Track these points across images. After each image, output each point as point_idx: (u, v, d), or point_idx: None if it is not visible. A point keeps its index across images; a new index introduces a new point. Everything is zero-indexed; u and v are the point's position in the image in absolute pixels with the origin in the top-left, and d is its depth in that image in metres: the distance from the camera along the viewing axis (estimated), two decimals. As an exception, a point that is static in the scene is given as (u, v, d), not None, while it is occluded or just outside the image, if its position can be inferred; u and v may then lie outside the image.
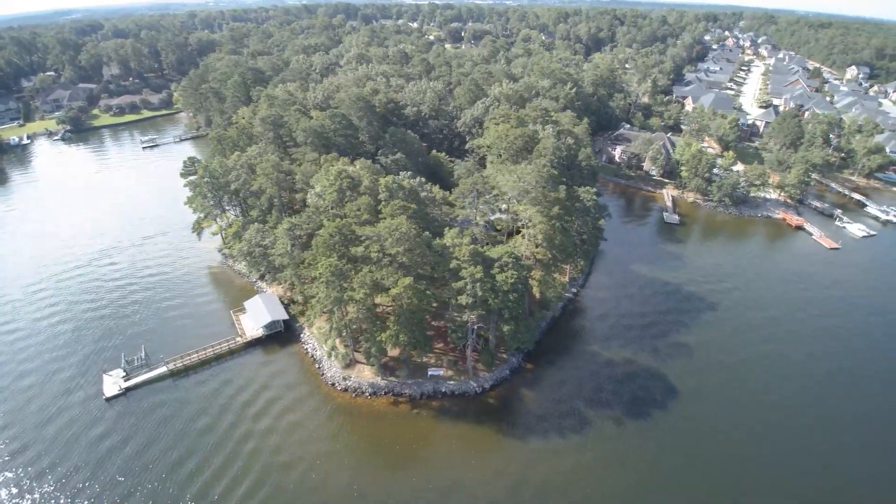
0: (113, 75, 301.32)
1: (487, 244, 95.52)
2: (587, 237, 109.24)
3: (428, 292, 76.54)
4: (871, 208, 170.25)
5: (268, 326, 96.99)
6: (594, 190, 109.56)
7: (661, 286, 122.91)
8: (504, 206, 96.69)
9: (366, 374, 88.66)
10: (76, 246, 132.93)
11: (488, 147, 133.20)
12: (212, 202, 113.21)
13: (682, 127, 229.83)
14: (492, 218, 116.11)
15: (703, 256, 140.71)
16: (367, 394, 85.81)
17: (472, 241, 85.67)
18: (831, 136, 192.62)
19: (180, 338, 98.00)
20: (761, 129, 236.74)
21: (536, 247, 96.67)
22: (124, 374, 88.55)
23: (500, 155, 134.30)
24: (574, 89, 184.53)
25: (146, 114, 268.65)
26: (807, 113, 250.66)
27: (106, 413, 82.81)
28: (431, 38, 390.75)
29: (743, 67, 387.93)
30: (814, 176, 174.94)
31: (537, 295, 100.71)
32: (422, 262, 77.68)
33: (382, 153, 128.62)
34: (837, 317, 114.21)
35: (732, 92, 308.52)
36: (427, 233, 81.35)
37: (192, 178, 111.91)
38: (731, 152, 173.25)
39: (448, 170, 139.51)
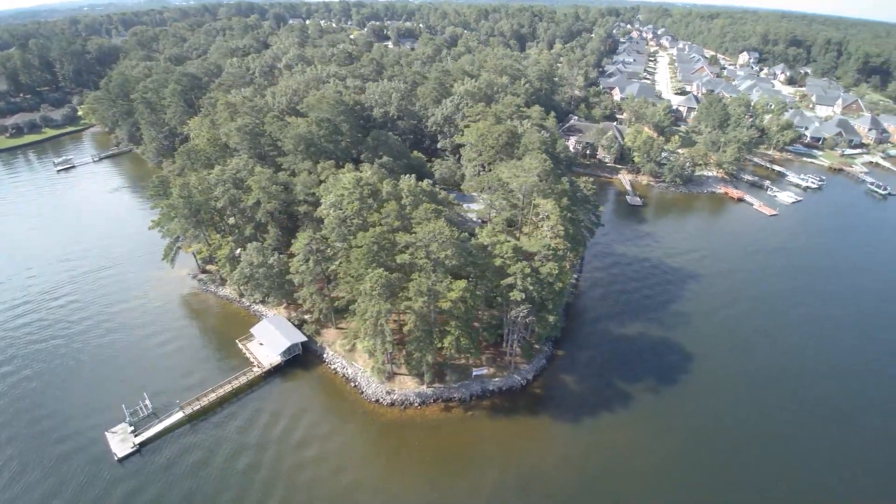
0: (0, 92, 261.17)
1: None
2: (588, 225, 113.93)
3: (478, 293, 75.91)
4: (792, 177, 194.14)
5: (287, 351, 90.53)
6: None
7: (643, 262, 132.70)
8: (515, 202, 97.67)
9: (409, 385, 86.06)
10: (14, 288, 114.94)
11: (472, 144, 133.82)
12: (191, 224, 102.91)
13: (617, 116, 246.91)
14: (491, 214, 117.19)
15: (669, 231, 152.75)
16: (416, 404, 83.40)
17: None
18: (747, 116, 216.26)
19: (182, 377, 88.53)
20: (684, 114, 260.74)
21: (553, 238, 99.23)
22: (132, 428, 78.11)
23: (482, 153, 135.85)
24: (527, 84, 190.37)
25: (49, 132, 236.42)
26: (718, 95, 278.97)
27: (123, 475, 72.78)
28: (353, 36, 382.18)
29: (650, 58, 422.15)
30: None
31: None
32: (466, 264, 76.80)
33: (366, 157, 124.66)
34: (793, 270, 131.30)
35: (648, 81, 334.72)
36: (464, 233, 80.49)
37: (165, 200, 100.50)
38: (676, 136, 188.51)
39: (429, 170, 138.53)
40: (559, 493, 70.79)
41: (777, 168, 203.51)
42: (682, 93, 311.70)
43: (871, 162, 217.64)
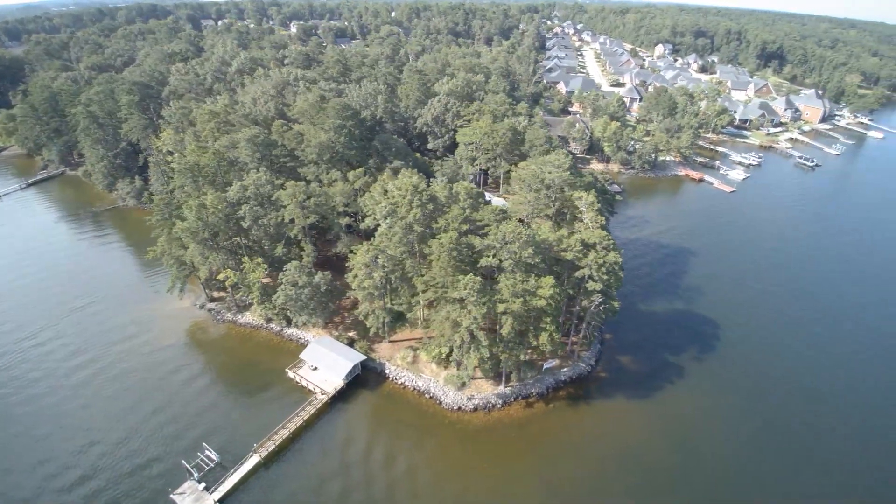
0: None
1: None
2: (605, 214, 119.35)
3: (563, 288, 77.52)
4: (734, 157, 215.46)
5: (350, 373, 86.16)
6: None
7: (643, 242, 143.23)
8: (556, 196, 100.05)
9: (486, 388, 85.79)
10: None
11: (476, 143, 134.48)
12: (209, 248, 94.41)
13: (569, 109, 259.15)
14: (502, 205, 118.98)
15: (650, 213, 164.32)
16: (499, 405, 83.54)
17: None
18: (689, 104, 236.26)
19: (235, 417, 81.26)
20: (627, 105, 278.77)
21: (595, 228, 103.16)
22: (202, 484, 70.40)
23: (487, 151, 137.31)
24: (505, 83, 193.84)
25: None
26: (650, 87, 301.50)
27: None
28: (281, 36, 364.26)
29: (578, 53, 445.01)
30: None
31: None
32: (544, 261, 78.00)
33: (374, 162, 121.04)
34: (768, 238, 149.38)
35: (584, 74, 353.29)
36: (530, 230, 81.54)
37: (167, 222, 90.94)
38: (641, 126, 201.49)
39: (431, 170, 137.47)
40: (657, 464, 74.97)
41: (720, 149, 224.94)
42: (618, 84, 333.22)
43: (791, 138, 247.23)
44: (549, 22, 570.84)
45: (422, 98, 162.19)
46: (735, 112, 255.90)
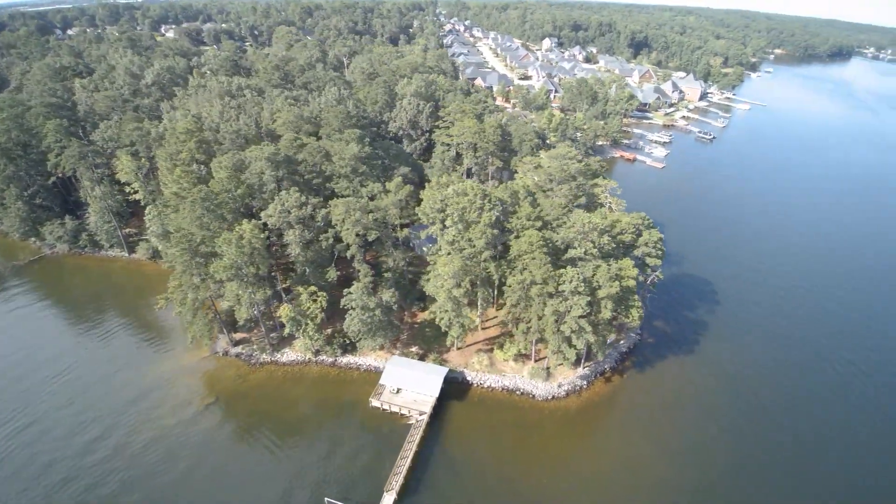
0: None
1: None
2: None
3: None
4: (650, 136, 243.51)
5: (440, 390, 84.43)
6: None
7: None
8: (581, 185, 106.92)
9: (566, 373, 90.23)
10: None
11: (468, 143, 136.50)
12: (251, 282, 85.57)
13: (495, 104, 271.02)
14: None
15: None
16: (585, 386, 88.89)
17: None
18: (606, 91, 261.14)
19: (341, 464, 74.98)
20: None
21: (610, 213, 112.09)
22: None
23: (477, 148, 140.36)
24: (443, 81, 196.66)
25: None
26: (555, 79, 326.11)
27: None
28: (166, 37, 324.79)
29: (476, 50, 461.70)
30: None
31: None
32: (615, 245, 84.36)
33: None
34: (711, 203, 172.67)
35: (489, 69, 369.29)
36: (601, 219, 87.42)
37: (222, 261, 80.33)
38: (580, 114, 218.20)
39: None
40: (721, 408, 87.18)
41: (636, 130, 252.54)
42: (525, 78, 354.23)
43: (684, 116, 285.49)
44: (442, 19, 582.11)
45: (389, 101, 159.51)
46: (637, 97, 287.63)
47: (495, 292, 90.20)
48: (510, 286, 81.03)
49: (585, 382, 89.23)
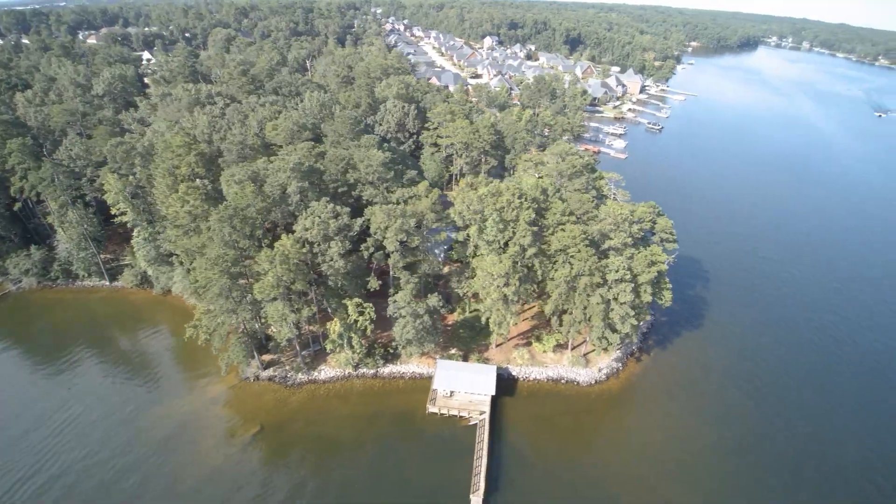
0: None
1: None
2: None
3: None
4: (606, 129, 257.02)
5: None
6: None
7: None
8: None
9: (603, 359, 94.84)
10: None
11: (464, 144, 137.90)
12: (293, 300, 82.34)
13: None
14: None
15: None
16: (621, 368, 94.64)
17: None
18: (565, 88, 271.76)
19: (419, 476, 74.04)
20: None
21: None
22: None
23: (471, 148, 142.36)
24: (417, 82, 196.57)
25: None
26: (506, 75, 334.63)
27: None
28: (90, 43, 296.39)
29: (419, 49, 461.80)
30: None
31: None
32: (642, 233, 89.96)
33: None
34: (672, 182, 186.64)
35: (440, 68, 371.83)
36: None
37: (266, 279, 76.31)
38: (547, 111, 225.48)
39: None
40: (734, 368, 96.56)
41: (592, 124, 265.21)
42: (476, 76, 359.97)
43: (630, 108, 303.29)
44: (382, 18, 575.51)
45: (372, 104, 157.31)
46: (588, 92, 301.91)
47: (537, 287, 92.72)
48: (553, 280, 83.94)
49: (620, 364, 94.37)
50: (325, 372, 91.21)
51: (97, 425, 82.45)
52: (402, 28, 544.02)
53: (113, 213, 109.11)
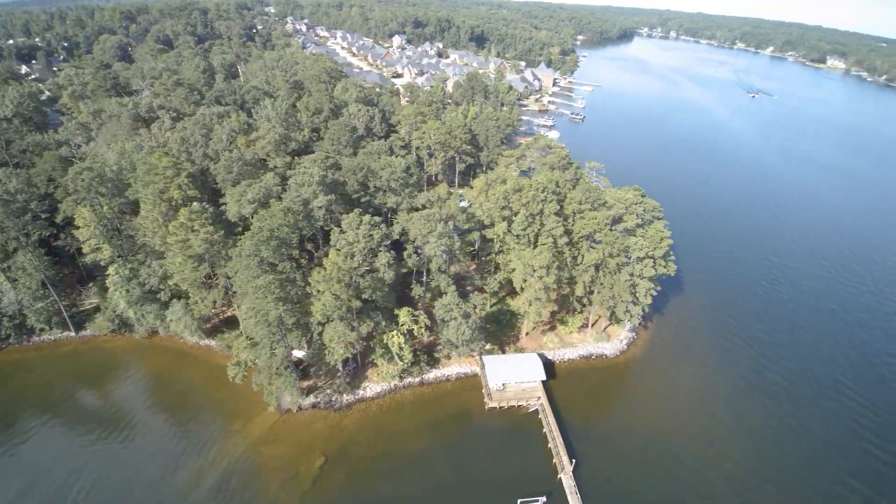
0: None
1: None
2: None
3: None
4: (537, 121, 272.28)
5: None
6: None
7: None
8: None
9: (618, 332, 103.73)
10: None
11: (439, 145, 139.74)
12: (353, 317, 79.42)
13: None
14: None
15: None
16: (634, 338, 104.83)
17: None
18: (497, 85, 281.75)
19: (503, 472, 75.77)
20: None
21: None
22: None
23: (445, 148, 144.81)
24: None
25: None
26: (427, 75, 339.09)
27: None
28: None
29: (332, 50, 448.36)
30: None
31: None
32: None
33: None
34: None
35: (358, 69, 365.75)
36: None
37: (325, 299, 72.34)
38: (490, 108, 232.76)
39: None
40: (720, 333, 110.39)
41: (524, 118, 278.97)
42: (397, 76, 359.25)
43: (549, 101, 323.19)
44: (281, 19, 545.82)
45: (334, 109, 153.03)
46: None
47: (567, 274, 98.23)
48: (581, 264, 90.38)
49: (634, 334, 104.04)
50: (371, 388, 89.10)
51: (123, 491, 73.09)
52: (304, 28, 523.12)
53: (85, 250, 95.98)
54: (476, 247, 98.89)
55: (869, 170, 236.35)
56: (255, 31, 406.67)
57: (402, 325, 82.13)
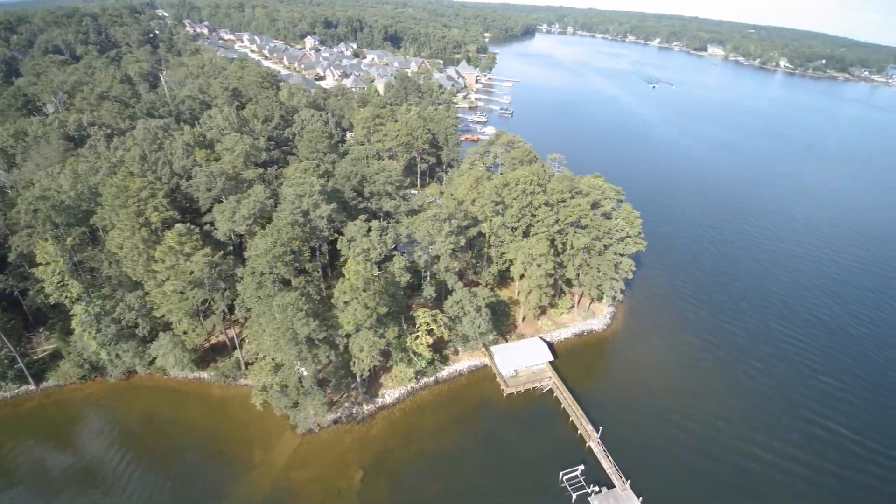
0: None
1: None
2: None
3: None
4: (472, 118, 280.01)
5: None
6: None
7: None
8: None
9: (600, 307, 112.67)
10: None
11: (403, 146, 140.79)
12: (381, 323, 79.13)
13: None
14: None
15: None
16: (616, 314, 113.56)
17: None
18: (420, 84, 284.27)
19: (533, 453, 79.91)
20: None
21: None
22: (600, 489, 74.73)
23: (409, 149, 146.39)
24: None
25: None
26: (351, 76, 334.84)
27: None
28: None
29: (242, 53, 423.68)
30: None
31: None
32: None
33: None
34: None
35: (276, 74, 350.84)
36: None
37: (355, 308, 71.13)
38: (432, 107, 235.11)
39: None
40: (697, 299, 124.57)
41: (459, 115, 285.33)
42: (319, 78, 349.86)
43: (476, 97, 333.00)
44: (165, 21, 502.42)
45: (285, 116, 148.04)
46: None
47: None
48: (573, 248, 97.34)
49: (614, 308, 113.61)
50: (389, 394, 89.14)
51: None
52: (206, 31, 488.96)
53: (47, 289, 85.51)
54: (468, 242, 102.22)
55: (749, 141, 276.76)
56: (153, 35, 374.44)
57: (419, 325, 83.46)
